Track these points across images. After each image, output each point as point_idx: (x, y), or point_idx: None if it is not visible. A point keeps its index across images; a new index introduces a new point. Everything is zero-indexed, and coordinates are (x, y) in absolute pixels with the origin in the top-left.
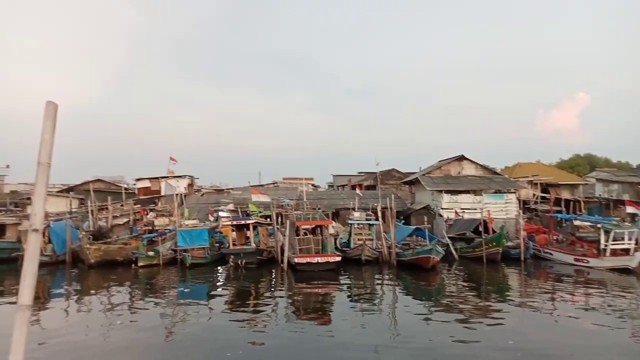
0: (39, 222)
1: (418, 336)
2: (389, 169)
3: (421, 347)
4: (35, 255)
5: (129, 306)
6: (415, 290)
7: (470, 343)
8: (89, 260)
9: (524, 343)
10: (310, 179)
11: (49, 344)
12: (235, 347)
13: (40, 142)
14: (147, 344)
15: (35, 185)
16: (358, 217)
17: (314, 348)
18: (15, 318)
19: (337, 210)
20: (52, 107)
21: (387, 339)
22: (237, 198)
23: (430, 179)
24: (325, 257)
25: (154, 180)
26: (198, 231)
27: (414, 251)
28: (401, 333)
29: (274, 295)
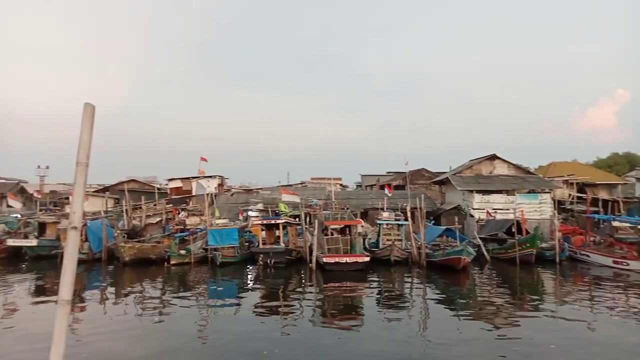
0: (78, 220)
1: (448, 339)
2: (418, 169)
3: (452, 350)
4: (75, 252)
5: (161, 303)
6: (446, 292)
7: (505, 346)
8: (124, 258)
9: (567, 347)
10: (339, 179)
11: (87, 337)
12: (265, 346)
13: (79, 143)
14: (179, 342)
15: (74, 184)
16: (387, 217)
17: (343, 348)
18: (56, 312)
19: (365, 210)
20: (89, 108)
21: (417, 341)
22: (266, 198)
23: (461, 179)
24: (354, 257)
25: (186, 180)
26: (228, 230)
27: (444, 252)
28: (431, 335)
29: (303, 294)
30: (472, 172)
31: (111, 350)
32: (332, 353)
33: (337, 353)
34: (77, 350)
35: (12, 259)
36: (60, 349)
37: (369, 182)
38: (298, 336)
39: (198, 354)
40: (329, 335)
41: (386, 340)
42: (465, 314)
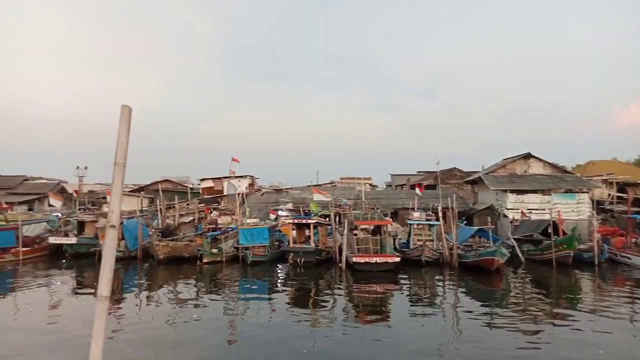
0: (116, 219)
1: (481, 342)
2: (449, 168)
3: (484, 354)
4: (113, 250)
5: (194, 301)
6: (478, 294)
7: (542, 353)
8: (158, 256)
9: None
10: (368, 179)
11: (123, 333)
12: (294, 347)
13: (116, 144)
14: (211, 339)
15: (112, 184)
16: (418, 217)
17: (373, 350)
18: (96, 308)
19: (395, 210)
20: (126, 110)
21: (448, 343)
22: (296, 197)
23: (494, 178)
24: (384, 257)
25: (217, 180)
26: (259, 230)
27: (476, 253)
28: (463, 337)
29: (333, 294)
30: (505, 172)
31: (148, 346)
32: (363, 350)
33: (367, 350)
34: (118, 345)
35: (53, 256)
36: (100, 343)
37: (399, 181)
38: (328, 337)
39: (230, 352)
40: (359, 338)
41: (416, 347)
42: (499, 318)
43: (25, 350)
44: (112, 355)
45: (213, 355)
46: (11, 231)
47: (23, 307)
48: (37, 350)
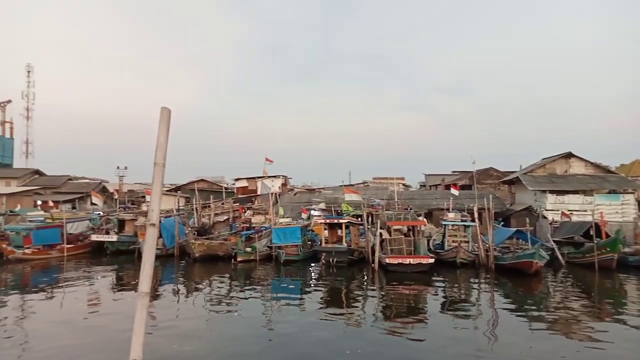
0: (156, 218)
1: (519, 348)
2: (485, 168)
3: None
4: (153, 248)
5: (229, 298)
6: (516, 297)
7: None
8: (194, 254)
9: None
10: (401, 179)
11: (160, 328)
12: (327, 348)
13: (156, 145)
14: (248, 336)
15: (152, 184)
16: (453, 217)
17: (410, 353)
18: (137, 303)
19: (429, 211)
20: (166, 112)
21: (486, 348)
22: (328, 197)
23: (532, 178)
24: (418, 258)
25: (251, 180)
26: (291, 229)
27: (514, 255)
28: (500, 342)
29: (366, 295)
30: (545, 171)
31: (187, 342)
32: (396, 354)
33: (400, 353)
34: (150, 340)
35: (95, 252)
36: (140, 337)
37: (433, 181)
38: (361, 339)
39: (268, 350)
40: (392, 341)
41: (454, 351)
42: (537, 324)
43: (68, 343)
44: (158, 348)
45: (252, 351)
46: (57, 229)
47: (67, 301)
48: (79, 343)
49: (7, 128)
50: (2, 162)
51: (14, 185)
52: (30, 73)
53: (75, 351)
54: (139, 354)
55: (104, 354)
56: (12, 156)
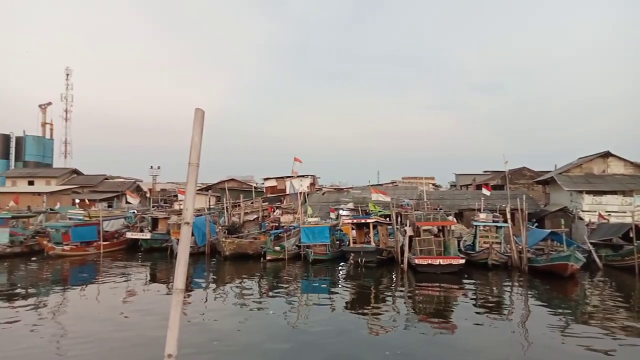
0: (190, 216)
1: (554, 354)
2: (519, 168)
3: None
4: (187, 246)
5: (259, 296)
6: (550, 301)
7: None
8: (224, 252)
9: None
10: (431, 179)
11: (193, 324)
12: (354, 347)
13: (191, 145)
14: (276, 336)
15: (187, 183)
16: (484, 218)
17: (439, 357)
18: (172, 300)
19: (460, 211)
20: (199, 113)
21: (517, 352)
22: (357, 197)
23: (568, 178)
24: (448, 259)
25: (280, 179)
26: (320, 228)
27: (548, 257)
28: (534, 349)
29: (395, 296)
30: (581, 171)
31: (218, 338)
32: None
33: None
34: (194, 336)
35: (130, 249)
36: (175, 333)
37: (464, 181)
38: (388, 341)
39: (294, 351)
40: (421, 343)
41: (481, 344)
42: (573, 329)
43: (104, 337)
44: (191, 344)
45: (283, 350)
46: (93, 226)
47: (103, 296)
48: (115, 337)
49: (47, 129)
50: (43, 162)
51: (53, 184)
52: (69, 76)
53: (111, 345)
54: (173, 349)
55: (139, 349)
56: (52, 156)
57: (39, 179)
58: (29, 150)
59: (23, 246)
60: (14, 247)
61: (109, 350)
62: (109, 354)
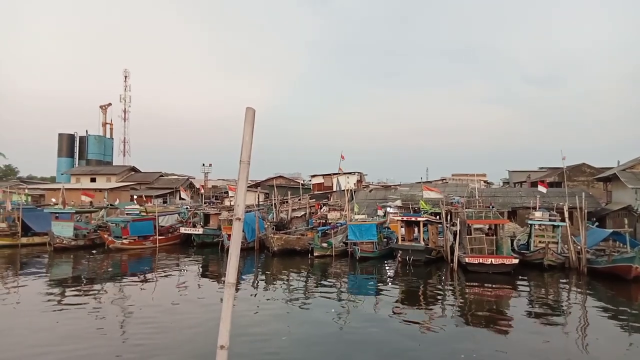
0: (241, 212)
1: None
2: (577, 164)
3: None
4: (239, 241)
5: (307, 292)
6: (611, 305)
7: None
8: (273, 247)
9: None
10: (483, 175)
11: (242, 317)
12: (403, 347)
13: (242, 144)
14: (320, 335)
15: (238, 181)
16: (540, 217)
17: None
18: (224, 293)
19: (513, 209)
20: (250, 112)
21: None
22: (404, 194)
23: (633, 175)
24: (501, 258)
25: (327, 176)
26: (367, 226)
27: (610, 258)
28: (590, 355)
29: (444, 296)
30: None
31: (267, 333)
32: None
33: None
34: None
35: (183, 244)
36: (227, 325)
37: (518, 178)
38: (436, 342)
39: (337, 347)
40: (472, 341)
41: (536, 350)
42: (637, 338)
43: (159, 325)
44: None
45: (334, 347)
46: (150, 221)
47: (159, 288)
48: (169, 328)
49: (107, 129)
50: (104, 160)
51: (113, 181)
52: (127, 78)
53: (165, 335)
54: (226, 340)
55: (193, 339)
56: (112, 154)
57: (100, 176)
58: (91, 149)
59: (86, 239)
60: (78, 240)
61: (163, 340)
62: (164, 342)
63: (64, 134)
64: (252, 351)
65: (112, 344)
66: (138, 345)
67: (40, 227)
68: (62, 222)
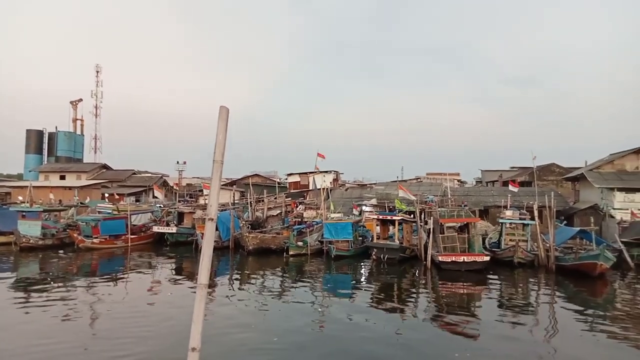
0: (214, 212)
1: (579, 357)
2: (547, 164)
3: None
4: (211, 241)
5: (282, 291)
6: (578, 301)
7: None
8: (248, 246)
9: None
10: (456, 174)
11: (216, 318)
12: (376, 346)
13: (215, 143)
14: (297, 331)
15: (211, 180)
16: (510, 215)
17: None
18: (196, 294)
19: (485, 208)
20: (224, 111)
21: (542, 354)
22: (380, 193)
23: (599, 175)
24: (473, 256)
25: (303, 175)
26: (343, 224)
27: (577, 256)
28: (561, 352)
29: (417, 293)
30: (613, 168)
31: (241, 332)
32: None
33: (452, 355)
34: (218, 329)
35: (156, 243)
36: (199, 327)
37: (490, 177)
38: (411, 338)
39: (315, 346)
40: (443, 341)
41: (504, 344)
42: (602, 331)
43: (129, 330)
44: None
45: (305, 344)
46: (122, 220)
47: (130, 289)
48: (140, 330)
49: (78, 125)
50: (74, 157)
51: (84, 178)
52: (99, 73)
53: (136, 337)
54: (197, 343)
55: (164, 341)
56: (83, 151)
57: (70, 174)
58: (60, 146)
59: (54, 239)
60: (46, 240)
61: (134, 342)
62: (134, 344)
63: (32, 130)
64: (225, 353)
65: (78, 344)
66: (105, 350)
67: (5, 226)
68: (29, 220)
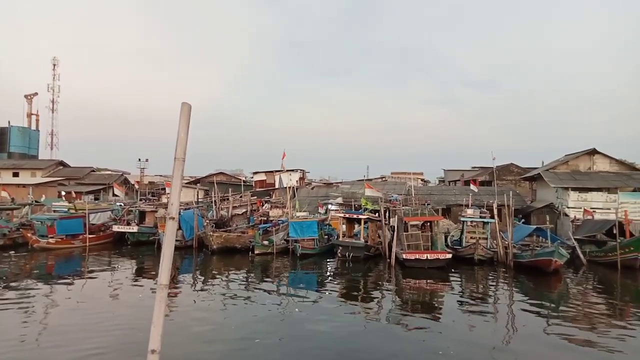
0: (175, 211)
1: (536, 346)
2: (506, 164)
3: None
4: (172, 241)
5: (246, 291)
6: (534, 295)
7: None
8: (212, 246)
9: None
10: (420, 174)
11: (177, 319)
12: (341, 341)
13: (177, 140)
14: (257, 332)
15: (172, 178)
16: (471, 214)
17: (422, 350)
18: (156, 295)
19: (448, 207)
20: (186, 107)
21: (498, 346)
22: (346, 192)
23: (554, 175)
24: (435, 254)
25: (269, 173)
26: (308, 223)
27: (533, 252)
28: (516, 341)
29: (382, 290)
30: (567, 168)
31: (203, 333)
32: (410, 348)
33: (414, 354)
34: (178, 330)
35: (116, 243)
36: (159, 329)
37: (453, 177)
38: (375, 335)
39: (279, 345)
40: (407, 337)
41: (464, 335)
42: (555, 323)
43: (86, 330)
44: (174, 339)
45: (268, 342)
46: (79, 219)
47: (88, 290)
48: (99, 333)
49: (33, 120)
50: (28, 154)
51: (39, 176)
52: (56, 66)
53: (94, 341)
54: (157, 345)
55: (123, 344)
56: (38, 147)
57: (24, 171)
58: (13, 142)
59: (6, 239)
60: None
61: (92, 346)
62: (92, 348)
63: None
64: (186, 355)
65: (32, 349)
66: (62, 353)
67: None
68: None
